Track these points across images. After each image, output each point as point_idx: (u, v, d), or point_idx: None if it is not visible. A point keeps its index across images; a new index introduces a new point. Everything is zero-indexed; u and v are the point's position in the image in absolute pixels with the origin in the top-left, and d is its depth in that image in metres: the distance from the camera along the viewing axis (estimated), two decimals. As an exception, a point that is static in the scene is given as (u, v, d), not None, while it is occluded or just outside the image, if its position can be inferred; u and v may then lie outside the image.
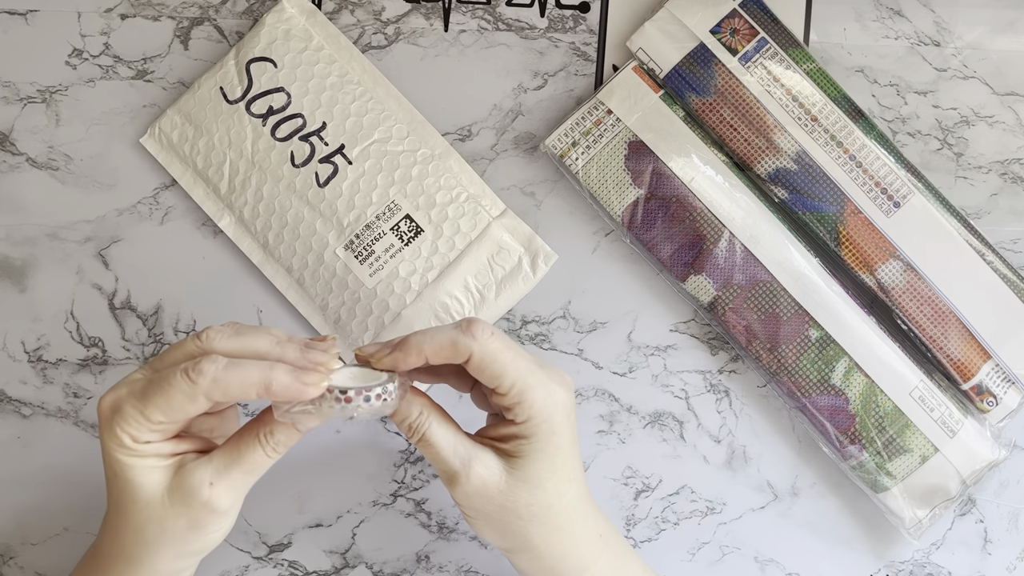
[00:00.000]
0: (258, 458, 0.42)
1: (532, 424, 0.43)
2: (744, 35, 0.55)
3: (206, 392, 0.39)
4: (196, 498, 0.41)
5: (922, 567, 0.57)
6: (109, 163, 0.58)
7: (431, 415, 0.44)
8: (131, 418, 0.40)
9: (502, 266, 0.56)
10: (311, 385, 0.40)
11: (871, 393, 0.54)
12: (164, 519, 0.42)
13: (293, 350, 0.41)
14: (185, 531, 0.42)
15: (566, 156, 0.56)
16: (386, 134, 0.56)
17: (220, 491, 0.41)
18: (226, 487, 0.41)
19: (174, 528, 0.42)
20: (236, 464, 0.42)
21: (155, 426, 0.40)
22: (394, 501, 0.57)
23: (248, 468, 0.42)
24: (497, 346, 0.42)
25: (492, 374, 0.42)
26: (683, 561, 0.57)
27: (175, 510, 0.41)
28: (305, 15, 0.57)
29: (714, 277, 0.55)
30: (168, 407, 0.40)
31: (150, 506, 0.41)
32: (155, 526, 0.42)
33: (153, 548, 0.42)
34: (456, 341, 0.42)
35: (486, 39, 0.58)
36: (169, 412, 0.40)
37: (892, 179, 0.55)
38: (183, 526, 0.42)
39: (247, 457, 0.42)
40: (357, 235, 0.55)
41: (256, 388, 0.39)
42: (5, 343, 0.57)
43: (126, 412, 0.40)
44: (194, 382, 0.39)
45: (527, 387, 0.42)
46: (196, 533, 0.42)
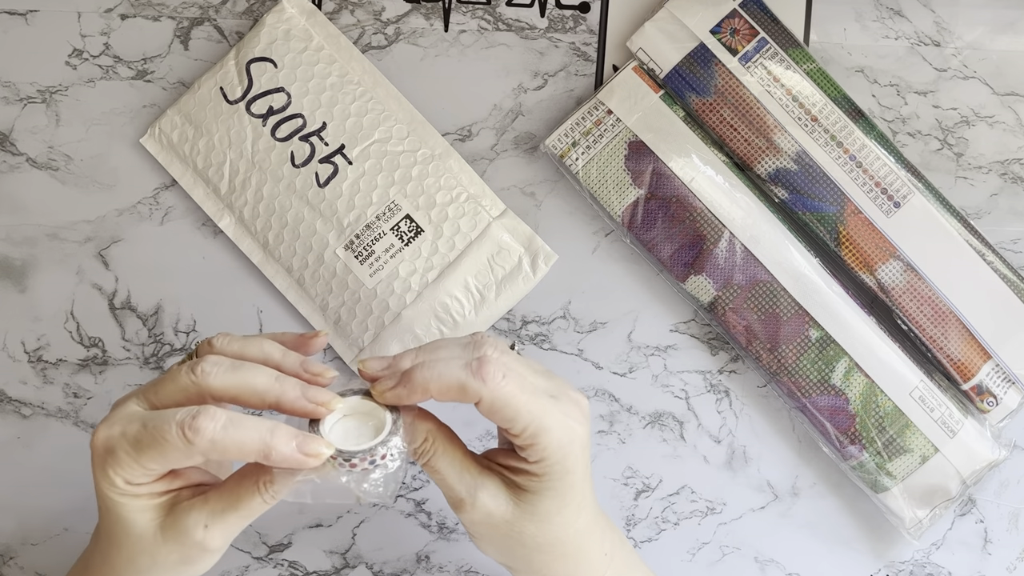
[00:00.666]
0: (255, 505, 0.40)
1: (545, 465, 0.41)
2: (744, 35, 0.55)
3: (203, 452, 0.38)
4: (190, 538, 0.40)
5: (922, 567, 0.57)
6: (109, 163, 0.58)
7: (437, 440, 0.42)
8: (124, 463, 0.39)
9: (502, 266, 0.56)
10: (312, 456, 0.38)
11: (871, 393, 0.54)
12: (156, 553, 0.41)
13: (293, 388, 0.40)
14: (176, 564, 0.41)
15: (566, 156, 0.56)
16: (386, 134, 0.56)
17: (214, 533, 0.40)
18: (220, 530, 0.40)
19: (165, 562, 0.41)
20: (232, 509, 0.40)
21: (148, 472, 0.39)
22: (394, 501, 0.57)
23: (245, 514, 0.41)
24: (510, 390, 0.39)
25: (504, 418, 0.40)
26: (683, 561, 0.57)
27: (168, 547, 0.41)
28: (305, 15, 0.57)
29: (714, 277, 0.55)
30: (163, 459, 0.39)
31: (142, 540, 0.41)
32: (147, 558, 0.41)
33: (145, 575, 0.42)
34: (465, 385, 0.39)
35: (486, 39, 0.58)
36: (164, 463, 0.39)
37: (892, 179, 0.55)
38: (175, 560, 0.41)
39: (244, 503, 0.40)
40: (357, 235, 0.55)
41: (255, 455, 0.38)
42: (5, 343, 0.57)
43: (119, 457, 0.39)
44: (191, 442, 0.38)
45: (541, 430, 0.40)
46: (188, 566, 0.42)
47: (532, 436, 0.40)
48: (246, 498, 0.40)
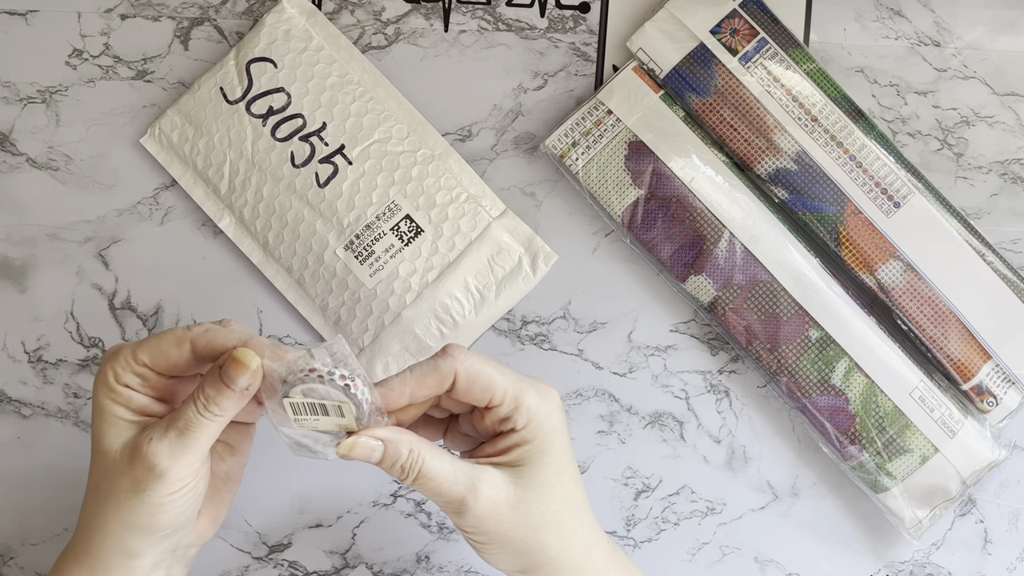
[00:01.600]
0: (190, 415, 0.41)
1: (534, 426, 0.42)
2: (744, 35, 0.55)
3: (193, 336, 0.42)
4: (139, 453, 0.41)
5: (922, 567, 0.57)
6: (109, 163, 0.58)
7: (421, 449, 0.42)
8: (121, 358, 0.42)
9: (502, 266, 0.56)
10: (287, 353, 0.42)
11: (871, 393, 0.54)
12: (114, 476, 0.42)
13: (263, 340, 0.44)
14: (128, 493, 0.42)
15: (566, 156, 0.56)
16: (386, 134, 0.56)
17: (158, 448, 0.41)
18: (165, 445, 0.41)
19: (120, 488, 0.42)
20: (173, 423, 0.41)
21: (139, 368, 0.42)
22: (394, 501, 0.57)
23: (183, 426, 0.41)
24: (477, 360, 0.42)
25: (482, 387, 0.42)
26: (683, 561, 0.57)
27: (122, 467, 0.42)
28: (305, 15, 0.57)
29: (714, 277, 0.55)
30: (157, 349, 0.42)
31: (106, 459, 0.42)
32: (107, 483, 0.42)
33: (103, 509, 0.43)
34: (437, 366, 0.41)
35: (486, 39, 0.58)
36: (155, 355, 0.42)
37: (892, 179, 0.55)
38: (127, 487, 0.42)
39: (182, 414, 0.41)
40: (357, 235, 0.55)
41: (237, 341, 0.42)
42: (5, 343, 0.57)
43: (119, 354, 0.43)
44: (188, 329, 0.43)
45: (520, 391, 0.42)
46: (139, 499, 0.42)
47: (515, 399, 0.42)
48: (184, 409, 0.42)
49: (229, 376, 0.41)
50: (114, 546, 0.43)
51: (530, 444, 0.43)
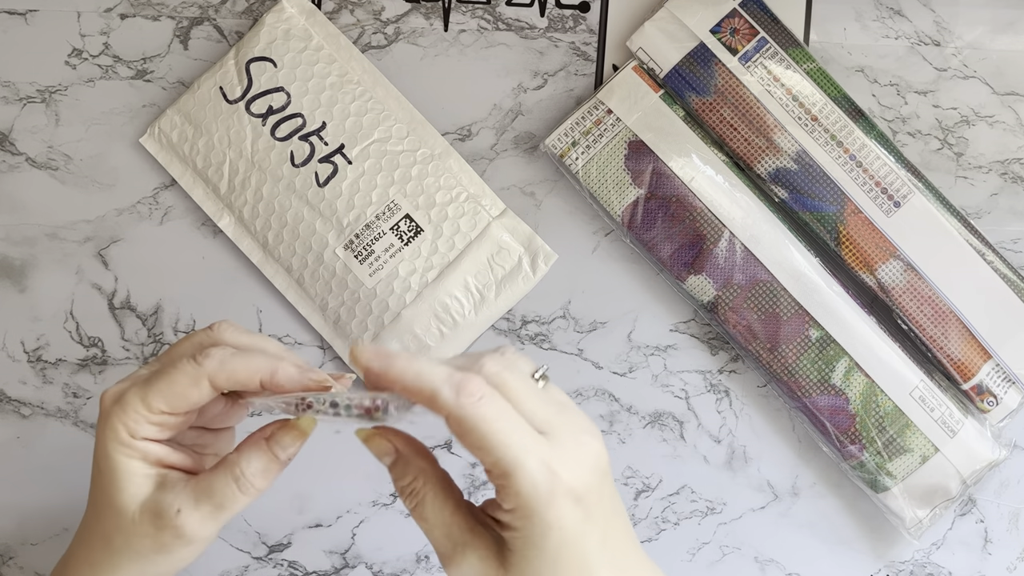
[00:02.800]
0: (229, 493, 0.39)
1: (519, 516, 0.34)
2: (744, 35, 0.55)
3: (211, 374, 0.38)
4: (163, 521, 0.39)
5: (922, 567, 0.57)
6: (109, 163, 0.58)
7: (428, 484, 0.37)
8: (131, 408, 0.39)
9: (502, 266, 0.56)
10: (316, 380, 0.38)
11: (871, 393, 0.54)
12: (131, 535, 0.40)
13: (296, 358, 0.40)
14: (150, 551, 0.40)
15: (566, 156, 0.56)
16: (386, 134, 0.56)
17: (187, 520, 0.39)
18: (195, 518, 0.39)
19: (139, 546, 0.40)
20: (207, 498, 0.39)
21: (155, 417, 0.39)
22: (394, 501, 0.57)
23: (219, 503, 0.39)
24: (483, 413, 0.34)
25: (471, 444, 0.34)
26: (683, 561, 0.57)
27: (143, 528, 0.40)
28: (305, 15, 0.57)
29: (714, 277, 0.55)
30: (171, 393, 0.39)
31: (121, 515, 0.40)
32: (122, 538, 0.40)
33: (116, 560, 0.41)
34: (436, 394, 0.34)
35: (486, 39, 0.58)
36: (172, 399, 0.39)
37: (892, 179, 0.55)
38: (149, 547, 0.40)
39: (218, 491, 0.39)
40: (357, 235, 0.55)
41: (261, 375, 0.38)
42: (5, 343, 0.57)
43: (127, 402, 0.39)
44: (200, 364, 0.38)
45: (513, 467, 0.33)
46: (161, 556, 0.40)
47: (502, 474, 0.34)
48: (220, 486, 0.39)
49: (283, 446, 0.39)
50: None
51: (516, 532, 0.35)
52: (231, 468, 0.39)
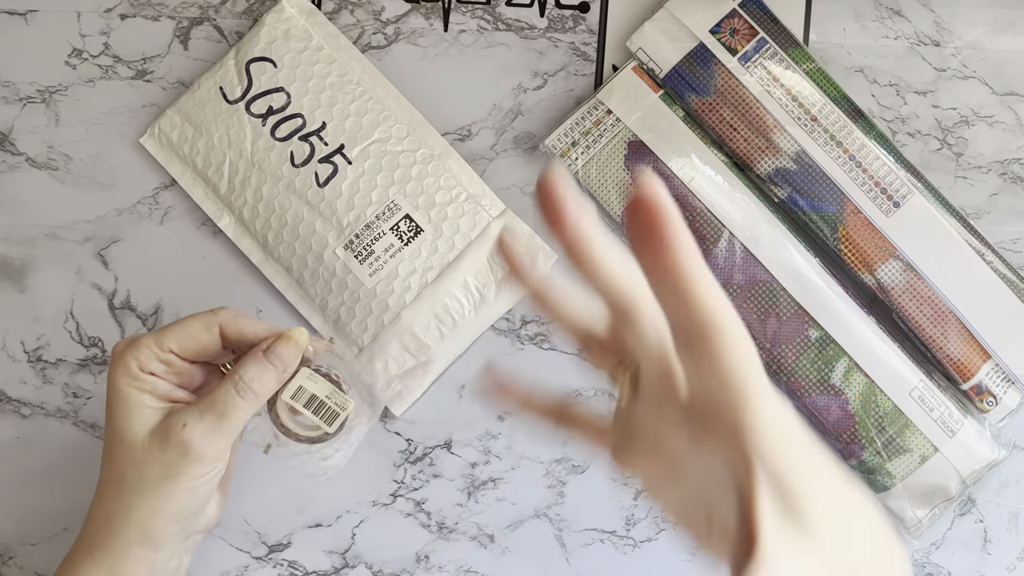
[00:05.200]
0: (229, 397, 0.43)
1: None
2: (744, 35, 0.55)
3: (223, 322, 0.43)
4: (172, 439, 0.42)
5: (922, 567, 0.57)
6: (109, 163, 0.58)
7: None
8: (143, 345, 0.43)
9: (502, 266, 0.56)
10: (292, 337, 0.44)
11: (871, 393, 0.54)
12: (143, 463, 0.42)
13: None
14: (160, 479, 0.42)
15: (566, 156, 0.56)
16: (386, 134, 0.56)
17: (194, 432, 0.42)
18: (201, 430, 0.42)
19: (150, 474, 0.42)
20: (209, 407, 0.42)
21: (164, 355, 0.43)
22: (394, 501, 0.57)
23: (220, 411, 0.42)
24: None
25: None
26: (683, 561, 0.57)
27: (152, 454, 0.42)
28: (305, 15, 0.57)
29: (714, 277, 0.55)
30: (184, 334, 0.43)
31: (132, 448, 0.43)
32: (135, 471, 0.43)
33: (130, 497, 0.43)
34: None
35: (486, 39, 0.58)
36: (183, 339, 0.43)
37: (892, 179, 0.55)
38: (159, 473, 0.42)
39: (219, 399, 0.43)
40: (357, 235, 0.55)
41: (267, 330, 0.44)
42: (5, 343, 0.57)
43: (139, 340, 0.43)
44: (215, 312, 0.44)
45: None
46: (172, 483, 0.42)
47: None
48: (221, 391, 0.43)
49: (277, 354, 0.43)
50: (138, 538, 0.44)
51: None
52: (230, 376, 0.43)
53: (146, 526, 0.43)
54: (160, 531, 0.44)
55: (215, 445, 0.43)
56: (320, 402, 0.45)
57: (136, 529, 0.43)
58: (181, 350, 0.44)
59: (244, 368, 0.43)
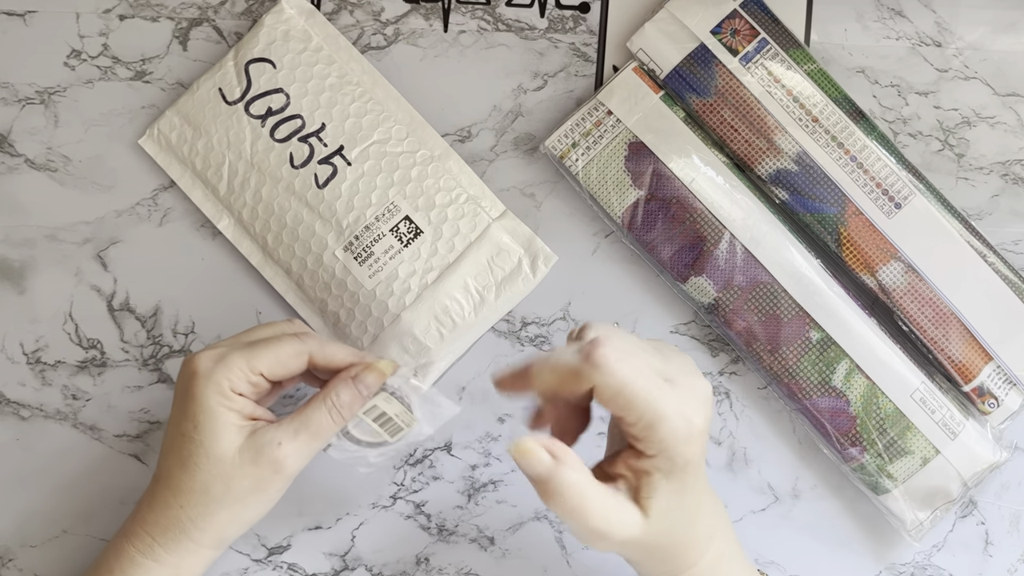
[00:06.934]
0: (323, 421, 0.45)
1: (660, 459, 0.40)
2: (745, 36, 0.55)
3: (312, 350, 0.46)
4: (265, 456, 0.45)
5: (923, 569, 0.57)
6: (108, 164, 0.58)
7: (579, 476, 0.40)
8: (235, 366, 0.45)
9: (502, 267, 0.56)
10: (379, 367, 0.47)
11: (872, 395, 0.54)
12: (231, 478, 0.45)
13: None
14: (248, 492, 0.45)
15: (566, 157, 0.56)
16: (385, 135, 0.56)
17: (288, 451, 0.45)
18: (294, 448, 0.45)
19: (239, 488, 0.45)
20: (304, 427, 0.45)
21: (254, 378, 0.45)
22: (394, 503, 0.57)
23: (314, 431, 0.45)
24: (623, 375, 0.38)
25: (618, 406, 0.39)
26: (683, 563, 0.57)
27: (243, 469, 0.45)
28: (304, 16, 0.57)
29: (714, 279, 0.55)
30: (276, 360, 0.45)
31: (221, 463, 0.45)
32: (221, 484, 0.45)
33: (214, 507, 0.45)
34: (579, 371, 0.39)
35: (486, 40, 0.58)
36: (275, 365, 0.45)
37: (893, 180, 0.55)
38: (248, 487, 0.45)
39: (314, 420, 0.45)
40: (356, 236, 0.55)
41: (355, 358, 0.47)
42: (4, 345, 0.57)
43: (231, 360, 0.45)
44: (303, 341, 0.46)
45: (657, 419, 0.39)
46: (257, 496, 0.46)
47: (647, 427, 0.39)
48: (315, 414, 0.45)
49: (367, 385, 0.46)
50: (212, 542, 0.47)
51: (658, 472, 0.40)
52: (324, 399, 0.46)
53: (222, 532, 0.46)
54: (233, 535, 0.47)
55: (303, 461, 0.46)
56: (389, 418, 0.48)
57: (212, 534, 0.46)
58: (271, 374, 0.46)
59: (338, 393, 0.46)
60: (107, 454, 0.57)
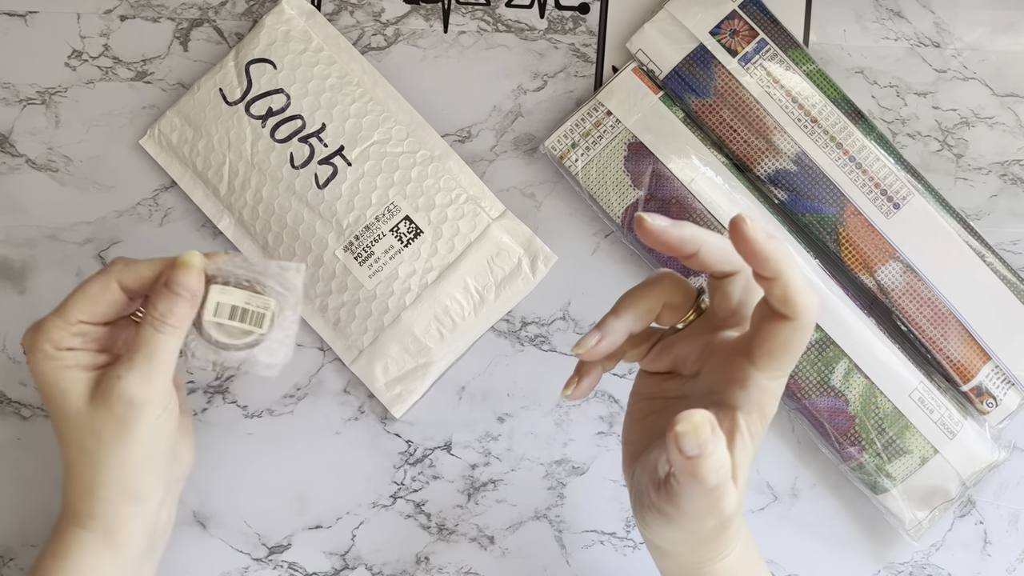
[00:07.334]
0: (152, 338, 0.43)
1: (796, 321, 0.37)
2: (744, 36, 0.55)
3: (119, 276, 0.44)
4: (112, 394, 0.43)
5: (922, 568, 0.57)
6: (108, 164, 0.58)
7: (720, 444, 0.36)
8: (51, 326, 0.44)
9: (502, 267, 0.56)
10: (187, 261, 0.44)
11: (871, 394, 0.54)
12: (95, 428, 0.43)
13: None
14: (117, 435, 0.43)
15: (566, 157, 0.56)
16: (385, 135, 0.56)
17: (130, 380, 0.43)
18: (136, 375, 0.43)
19: (106, 435, 0.43)
20: (136, 351, 0.43)
21: (74, 327, 0.44)
22: (394, 502, 0.57)
23: (147, 351, 0.43)
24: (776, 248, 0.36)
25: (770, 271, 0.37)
26: (683, 562, 0.57)
27: (100, 415, 0.43)
28: (304, 16, 0.57)
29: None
30: (85, 299, 0.44)
31: (80, 418, 0.44)
32: (91, 439, 0.44)
33: (99, 461, 0.44)
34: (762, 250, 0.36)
35: (486, 40, 0.58)
36: (87, 305, 0.44)
37: (892, 180, 0.55)
38: (113, 430, 0.43)
39: (142, 342, 0.43)
40: (356, 236, 0.55)
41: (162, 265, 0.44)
42: (5, 345, 0.57)
43: (45, 325, 0.44)
44: (107, 271, 0.44)
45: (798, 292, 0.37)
46: (129, 435, 0.44)
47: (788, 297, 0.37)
48: (142, 334, 0.43)
49: (178, 283, 0.43)
50: (122, 497, 0.45)
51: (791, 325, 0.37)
52: (143, 318, 0.44)
53: (125, 483, 0.45)
54: (139, 484, 0.45)
55: (154, 385, 0.44)
56: (242, 310, 0.45)
57: (116, 489, 0.45)
58: (90, 317, 0.44)
59: (154, 305, 0.44)
60: (108, 453, 0.57)
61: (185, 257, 0.44)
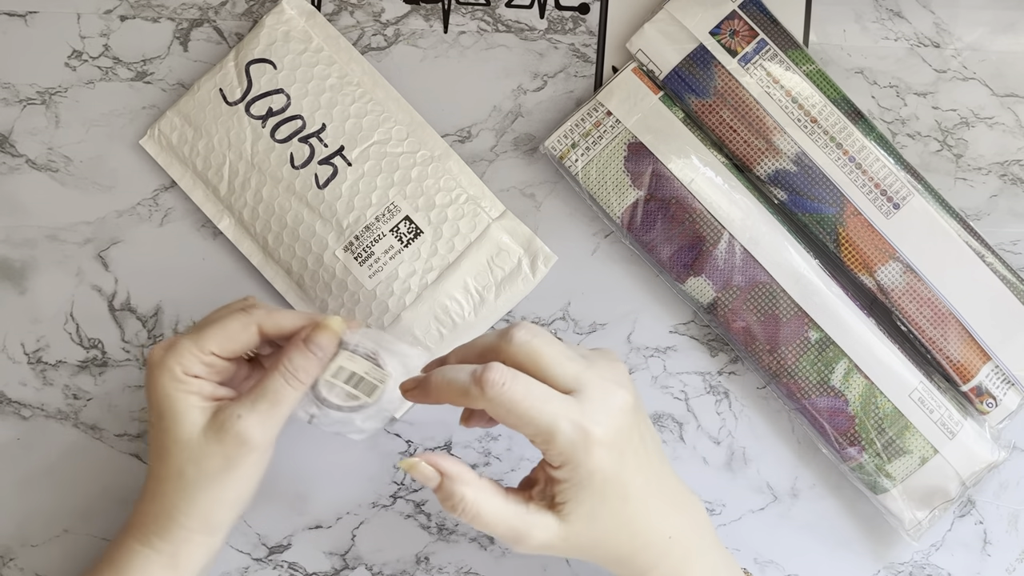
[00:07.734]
0: (279, 387, 0.45)
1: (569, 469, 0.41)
2: (744, 36, 0.55)
3: (260, 321, 0.46)
4: (228, 431, 0.44)
5: (921, 568, 0.57)
6: (109, 165, 0.58)
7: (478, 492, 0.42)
8: (184, 350, 0.45)
9: (501, 268, 0.56)
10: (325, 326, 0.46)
11: (871, 395, 0.54)
12: (201, 458, 0.45)
13: None
14: (220, 471, 0.45)
15: (565, 157, 0.56)
16: (385, 136, 0.56)
17: (249, 423, 0.45)
18: (255, 419, 0.45)
19: (210, 468, 0.45)
20: (262, 397, 0.45)
21: (206, 358, 0.45)
22: (394, 502, 0.57)
23: (273, 399, 0.45)
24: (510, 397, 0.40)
25: (511, 424, 0.41)
26: (683, 562, 0.57)
27: (210, 448, 0.45)
28: (304, 16, 0.57)
29: (713, 279, 0.55)
30: (223, 335, 0.45)
31: (189, 445, 0.45)
32: (193, 467, 0.45)
33: (192, 490, 0.45)
34: (468, 393, 0.41)
35: (486, 40, 0.58)
36: (223, 341, 0.45)
37: (892, 180, 0.55)
38: (218, 465, 0.45)
39: (269, 389, 0.45)
40: (356, 237, 0.55)
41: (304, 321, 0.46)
42: (5, 345, 0.57)
43: (180, 345, 0.45)
44: (249, 313, 0.46)
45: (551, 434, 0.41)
46: (231, 473, 0.45)
47: (544, 441, 0.41)
48: (271, 382, 0.45)
49: (318, 344, 0.46)
50: (200, 526, 0.46)
51: (567, 482, 0.42)
52: (277, 367, 0.45)
53: (207, 515, 0.46)
54: (220, 518, 0.47)
55: (269, 432, 0.45)
56: (359, 378, 0.47)
57: (198, 518, 0.46)
58: (222, 352, 0.46)
59: (290, 358, 0.45)
60: (108, 454, 0.57)
61: (329, 321, 0.46)
